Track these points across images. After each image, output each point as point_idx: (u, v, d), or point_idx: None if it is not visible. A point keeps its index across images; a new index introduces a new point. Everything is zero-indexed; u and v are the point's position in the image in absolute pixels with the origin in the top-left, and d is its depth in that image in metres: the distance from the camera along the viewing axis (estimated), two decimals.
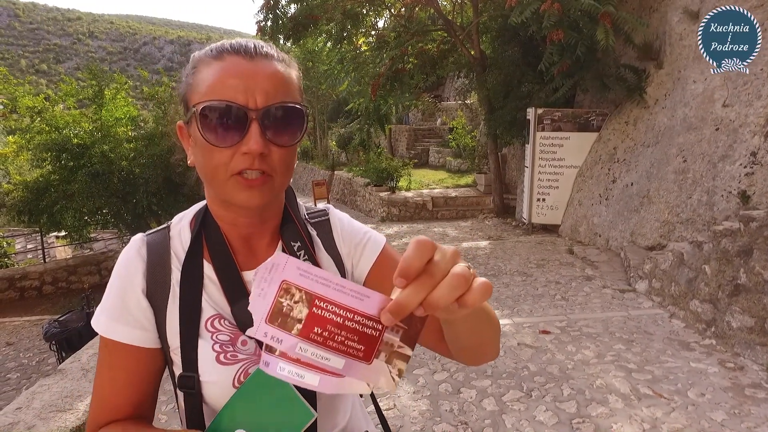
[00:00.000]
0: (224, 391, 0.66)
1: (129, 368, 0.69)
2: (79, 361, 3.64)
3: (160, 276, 0.69)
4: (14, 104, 9.01)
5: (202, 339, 0.67)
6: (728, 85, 4.80)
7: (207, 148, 0.62)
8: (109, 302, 0.69)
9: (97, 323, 0.69)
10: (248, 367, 0.67)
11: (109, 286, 0.70)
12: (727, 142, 4.64)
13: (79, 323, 4.78)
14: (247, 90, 0.61)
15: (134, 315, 0.68)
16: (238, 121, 0.60)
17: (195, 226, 0.71)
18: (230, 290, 0.69)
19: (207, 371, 0.66)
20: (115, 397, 0.69)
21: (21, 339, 6.04)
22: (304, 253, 0.74)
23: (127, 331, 0.67)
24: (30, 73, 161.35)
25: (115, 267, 0.70)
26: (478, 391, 2.98)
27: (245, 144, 0.60)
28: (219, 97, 0.60)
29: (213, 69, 0.63)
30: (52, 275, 8.83)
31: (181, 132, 0.70)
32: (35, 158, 9.00)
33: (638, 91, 6.23)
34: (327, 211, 0.83)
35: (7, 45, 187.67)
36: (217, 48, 0.66)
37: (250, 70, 0.62)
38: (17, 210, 8.84)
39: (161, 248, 0.70)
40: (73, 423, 2.83)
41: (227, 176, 0.62)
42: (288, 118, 0.63)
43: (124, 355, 0.68)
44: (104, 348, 0.69)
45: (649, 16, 6.38)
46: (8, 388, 4.67)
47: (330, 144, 21.67)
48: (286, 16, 9.38)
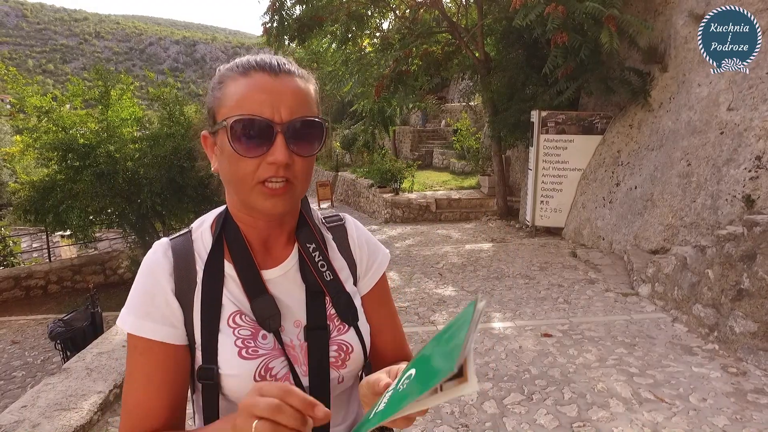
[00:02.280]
0: (245, 384, 0.69)
1: (161, 367, 0.69)
2: (83, 360, 3.67)
3: (187, 276, 0.72)
4: (22, 104, 9.09)
5: (225, 334, 0.70)
6: (733, 88, 4.78)
7: (235, 157, 0.66)
8: (136, 302, 0.70)
9: (124, 323, 0.70)
10: (269, 361, 0.71)
11: (134, 288, 0.71)
12: (732, 146, 4.62)
13: (83, 323, 4.80)
14: (273, 105, 0.66)
15: (163, 313, 0.70)
16: (265, 133, 0.66)
17: (216, 229, 0.75)
18: (250, 287, 0.73)
19: (229, 365, 0.69)
20: (151, 400, 0.69)
21: (26, 338, 6.08)
22: (319, 254, 0.78)
23: (157, 328, 0.69)
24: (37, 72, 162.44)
25: (142, 269, 0.72)
26: (479, 393, 2.98)
27: (271, 155, 0.65)
28: (248, 112, 0.65)
29: (240, 85, 0.68)
30: (57, 274, 8.89)
31: (205, 141, 0.74)
32: (41, 157, 9.07)
33: (643, 94, 6.21)
34: (343, 217, 0.89)
35: (15, 45, 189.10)
36: (243, 65, 0.70)
37: (275, 86, 0.67)
38: (23, 209, 8.89)
39: (186, 250, 0.74)
40: (77, 422, 2.85)
41: (253, 184, 0.67)
42: (309, 130, 0.69)
43: (155, 355, 0.69)
44: (134, 351, 0.70)
45: (654, 19, 6.37)
46: (13, 386, 4.71)
47: (334, 145, 21.70)
48: (292, 18, 9.43)
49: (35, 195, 8.86)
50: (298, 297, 0.75)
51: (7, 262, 10.45)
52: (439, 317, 4.40)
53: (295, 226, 0.79)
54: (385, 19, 11.52)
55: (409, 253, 7.15)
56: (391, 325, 0.88)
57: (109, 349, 3.85)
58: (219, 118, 0.69)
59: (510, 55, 8.48)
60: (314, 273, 0.77)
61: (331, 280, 0.77)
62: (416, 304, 4.84)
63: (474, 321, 0.48)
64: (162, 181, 8.94)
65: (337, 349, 0.75)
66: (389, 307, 0.88)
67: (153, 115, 10.71)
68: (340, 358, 0.75)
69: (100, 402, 3.09)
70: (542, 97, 7.35)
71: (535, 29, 6.15)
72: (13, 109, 10.01)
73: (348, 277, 0.81)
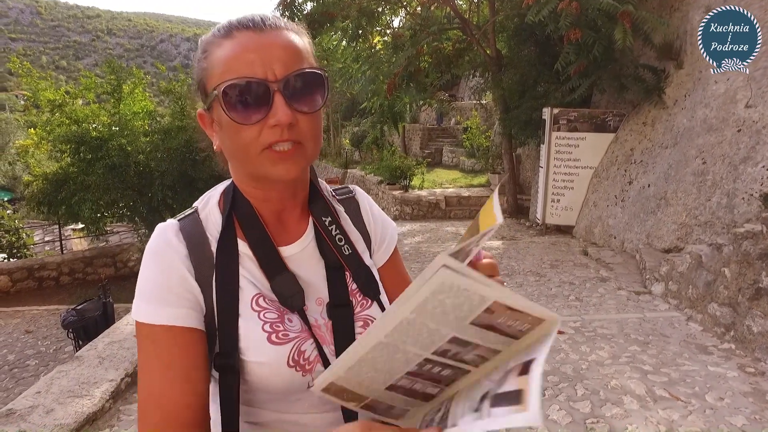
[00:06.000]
0: (277, 371, 0.64)
1: (183, 354, 0.62)
2: (95, 349, 3.71)
3: (203, 258, 0.66)
4: (36, 98, 9.20)
5: (249, 319, 0.65)
6: (752, 85, 4.70)
7: (234, 127, 0.61)
8: (148, 288, 0.63)
9: (138, 312, 0.63)
10: (300, 344, 0.65)
11: (144, 276, 0.64)
12: (750, 143, 4.54)
13: (95, 312, 4.86)
14: (264, 63, 0.60)
15: (180, 296, 0.63)
16: (261, 95, 0.60)
17: (225, 207, 0.69)
18: (268, 265, 0.68)
19: (258, 352, 0.64)
20: (171, 390, 0.61)
21: (39, 327, 6.16)
22: (336, 227, 0.74)
23: (174, 312, 0.62)
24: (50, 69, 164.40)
25: (148, 255, 0.65)
26: None
27: (272, 117, 0.60)
28: (238, 75, 0.60)
29: (225, 48, 0.62)
30: (69, 266, 9.00)
31: (202, 120, 0.69)
32: (55, 150, 9.17)
33: (657, 91, 6.13)
34: (352, 189, 0.84)
35: (29, 42, 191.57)
36: (224, 27, 0.65)
37: (263, 42, 0.61)
38: (37, 201, 9.01)
39: (197, 231, 0.67)
40: (89, 409, 2.88)
41: (258, 151, 0.62)
42: (309, 84, 0.63)
43: (173, 341, 0.62)
44: (147, 339, 0.63)
45: (670, 15, 6.28)
46: (27, 374, 4.77)
47: (343, 142, 21.72)
48: (302, 13, 9.43)
49: (48, 187, 8.98)
50: (319, 273, 0.71)
51: (20, 253, 10.60)
52: None
53: (308, 199, 0.74)
54: (396, 16, 11.50)
55: (419, 249, 7.13)
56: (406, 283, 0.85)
57: (121, 338, 3.89)
58: (210, 89, 0.63)
59: (522, 52, 8.42)
60: (332, 247, 0.73)
61: (350, 254, 0.74)
62: None
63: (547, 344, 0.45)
64: (173, 174, 9.00)
65: (362, 325, 0.71)
66: (406, 278, 0.85)
67: (164, 110, 10.79)
68: None
69: (112, 390, 3.12)
70: (554, 94, 7.28)
71: (547, 26, 6.09)
72: (27, 103, 10.13)
73: (364, 250, 0.78)
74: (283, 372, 0.64)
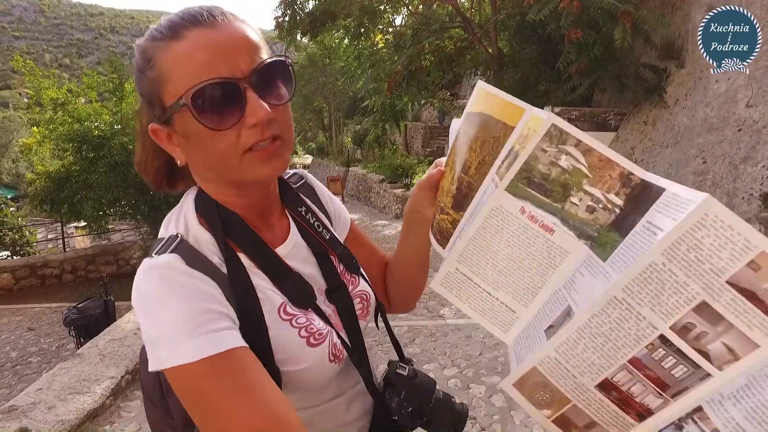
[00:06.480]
0: (320, 371, 0.64)
1: (255, 371, 0.54)
2: (96, 346, 3.74)
3: (220, 280, 0.59)
4: (39, 96, 9.24)
5: (281, 329, 0.61)
6: (753, 85, 4.70)
7: (208, 135, 0.56)
8: (180, 323, 0.53)
9: (177, 355, 0.52)
10: (332, 338, 0.65)
11: (164, 316, 0.54)
12: (750, 143, 4.54)
13: (96, 310, 4.89)
14: (228, 60, 0.55)
15: (221, 313, 0.56)
16: (233, 95, 0.55)
17: (211, 224, 0.63)
18: (273, 271, 0.65)
19: (299, 359, 0.61)
20: (277, 405, 0.53)
21: (41, 325, 6.20)
22: (311, 215, 0.75)
23: (229, 336, 0.54)
24: (53, 66, 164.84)
25: (162, 292, 0.55)
26: (487, 387, 2.98)
27: (250, 116, 0.55)
28: (202, 78, 0.54)
29: (177, 51, 0.56)
30: (71, 264, 9.05)
31: (157, 135, 0.61)
32: (57, 149, 9.21)
33: (657, 91, 6.13)
34: (302, 174, 0.83)
35: (32, 39, 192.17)
36: (167, 27, 0.58)
37: (220, 38, 0.56)
38: (40, 199, 9.06)
39: (200, 257, 0.59)
40: (90, 405, 2.91)
41: (240, 155, 0.57)
42: (277, 74, 0.60)
43: (240, 362, 0.54)
44: (207, 379, 0.52)
45: (672, 14, 6.27)
46: (29, 371, 4.80)
47: (345, 140, 21.74)
48: (304, 12, 9.45)
49: (51, 185, 9.01)
50: (311, 263, 0.71)
51: (23, 251, 10.66)
52: (448, 311, 4.40)
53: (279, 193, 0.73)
54: (398, 14, 11.50)
55: None
56: (375, 253, 0.88)
57: (122, 336, 3.92)
58: (169, 100, 0.57)
59: (523, 50, 8.43)
60: (315, 235, 0.73)
61: (330, 238, 0.75)
62: (426, 297, 4.84)
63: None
64: None
65: (360, 301, 0.74)
66: (368, 241, 0.88)
67: None
68: (364, 309, 0.74)
69: (112, 387, 3.15)
70: (555, 93, 7.29)
71: (549, 24, 6.09)
72: (30, 101, 10.17)
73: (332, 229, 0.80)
74: (326, 368, 0.65)
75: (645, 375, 0.41)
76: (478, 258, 0.56)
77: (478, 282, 0.56)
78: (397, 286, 0.87)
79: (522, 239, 0.52)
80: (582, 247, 0.49)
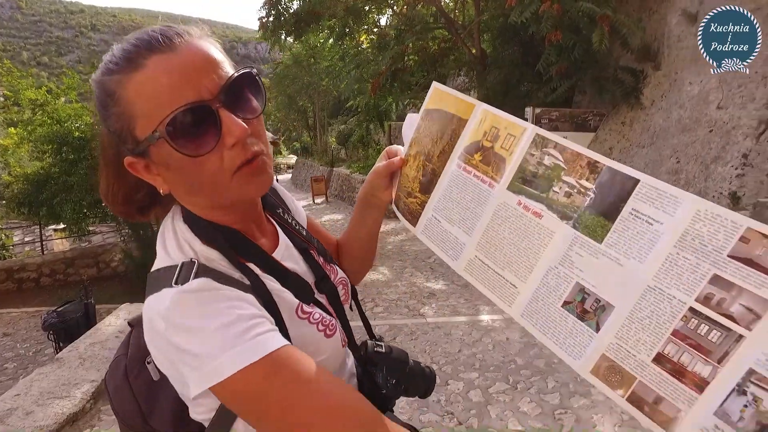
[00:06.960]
0: (337, 355, 0.71)
1: (316, 365, 0.56)
2: (76, 350, 3.70)
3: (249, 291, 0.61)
4: (17, 96, 9.06)
5: (299, 327, 0.64)
6: (723, 87, 4.85)
7: (191, 162, 0.57)
8: (230, 329, 0.53)
9: (233, 363, 0.51)
10: (338, 326, 0.72)
11: (213, 329, 0.53)
12: (720, 143, 4.69)
13: (77, 314, 4.83)
14: (192, 83, 0.55)
15: (265, 317, 0.58)
16: (207, 117, 0.55)
17: (216, 242, 0.63)
18: (278, 275, 0.67)
19: (319, 351, 0.65)
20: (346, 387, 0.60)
21: (18, 330, 6.09)
22: (287, 214, 0.79)
23: (278, 335, 0.56)
24: (31, 65, 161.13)
25: (205, 311, 0.54)
26: (465, 383, 3.04)
27: (228, 135, 0.56)
28: (175, 106, 0.54)
29: (139, 82, 0.55)
30: (50, 267, 8.88)
31: (135, 168, 0.61)
32: (36, 150, 9.04)
33: (635, 92, 6.27)
34: None
35: (9, 37, 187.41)
36: (123, 58, 0.57)
37: (181, 61, 0.55)
38: (17, 202, 8.88)
39: (223, 274, 0.60)
40: (70, 410, 2.88)
41: (229, 177, 0.58)
42: (245, 87, 0.59)
43: (295, 354, 0.56)
44: (268, 378, 0.52)
45: (649, 17, 6.42)
46: (5, 377, 4.72)
47: (330, 140, 21.71)
48: (289, 12, 9.42)
49: (29, 188, 8.83)
50: (299, 260, 0.75)
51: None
52: (428, 309, 4.45)
53: None
54: (383, 15, 11.54)
55: (402, 248, 7.20)
56: (328, 239, 0.93)
57: (102, 339, 3.88)
58: (141, 134, 0.57)
59: (506, 52, 8.53)
60: (295, 233, 0.77)
61: (306, 234, 0.79)
62: (407, 296, 4.89)
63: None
64: None
65: (342, 287, 0.79)
66: (320, 228, 0.92)
67: None
68: (346, 294, 0.80)
69: (92, 390, 3.12)
70: (537, 93, 7.40)
71: (530, 27, 6.19)
72: (7, 102, 9.96)
73: None
74: (339, 355, 0.72)
75: (688, 344, 0.49)
76: (491, 245, 0.68)
77: (490, 264, 0.68)
78: (351, 264, 0.92)
79: (519, 225, 0.65)
80: (564, 226, 0.60)
